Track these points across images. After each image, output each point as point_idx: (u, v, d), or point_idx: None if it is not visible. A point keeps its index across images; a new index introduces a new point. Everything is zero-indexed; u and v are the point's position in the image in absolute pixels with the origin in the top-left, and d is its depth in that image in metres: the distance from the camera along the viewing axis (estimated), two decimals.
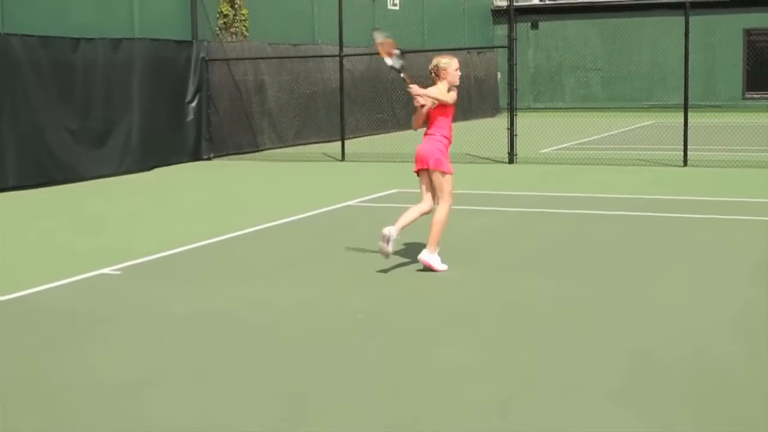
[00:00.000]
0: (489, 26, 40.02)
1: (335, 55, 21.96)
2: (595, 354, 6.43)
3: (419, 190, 9.50)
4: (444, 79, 9.13)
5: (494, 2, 40.57)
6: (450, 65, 9.15)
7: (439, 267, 9.10)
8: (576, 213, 12.77)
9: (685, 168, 17.77)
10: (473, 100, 35.11)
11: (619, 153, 20.52)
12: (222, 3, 22.78)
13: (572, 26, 38.86)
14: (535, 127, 23.70)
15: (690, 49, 18.17)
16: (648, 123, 31.33)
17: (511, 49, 19.31)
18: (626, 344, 6.63)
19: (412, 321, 7.45)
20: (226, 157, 21.77)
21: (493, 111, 36.68)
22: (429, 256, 9.14)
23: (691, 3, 26.20)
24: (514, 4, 20.09)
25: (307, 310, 7.86)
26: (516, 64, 19.34)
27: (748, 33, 37.12)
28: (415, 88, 9.08)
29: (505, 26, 20.54)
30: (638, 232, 11.18)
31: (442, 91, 9.12)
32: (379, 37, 9.42)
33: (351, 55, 23.65)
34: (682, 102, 18.41)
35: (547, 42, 39.80)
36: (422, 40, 33.04)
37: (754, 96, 36.98)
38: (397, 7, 31.79)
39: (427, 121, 9.34)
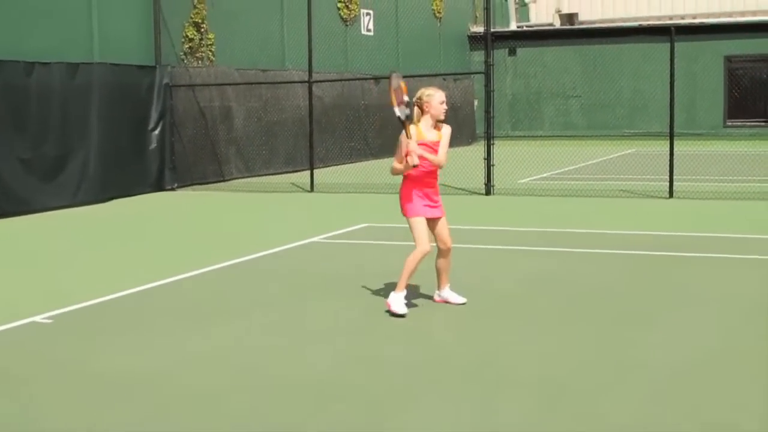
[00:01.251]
0: (465, 52, 39.27)
1: (304, 81, 21.05)
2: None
3: (391, 225, 8.70)
4: (427, 112, 8.34)
5: (471, 28, 39.82)
6: (433, 97, 8.34)
7: (396, 309, 8.28)
8: (556, 251, 11.85)
9: (671, 200, 16.92)
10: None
11: (601, 183, 19.69)
12: (187, 27, 21.86)
13: (551, 52, 38.11)
14: (513, 157, 22.84)
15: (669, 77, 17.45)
16: (629, 151, 30.55)
17: (488, 74, 18.45)
18: (615, 418, 5.70)
19: (374, 383, 6.49)
20: (190, 187, 20.80)
21: (469, 139, 35.85)
22: (391, 296, 8.39)
23: (668, 29, 25.48)
24: (491, 29, 19.17)
25: (258, 369, 6.89)
26: (493, 91, 18.48)
27: (728, 60, 36.48)
28: (413, 145, 8.22)
29: (482, 52, 19.74)
30: (624, 273, 10.27)
31: (430, 138, 8.37)
32: (395, 82, 8.36)
33: (320, 81, 22.76)
34: (665, 130, 17.66)
35: (526, 68, 39.05)
36: (397, 65, 32.14)
37: (736, 124, 36.33)
38: (371, 33, 30.96)
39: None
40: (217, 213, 16.81)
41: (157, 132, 20.26)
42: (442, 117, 8.38)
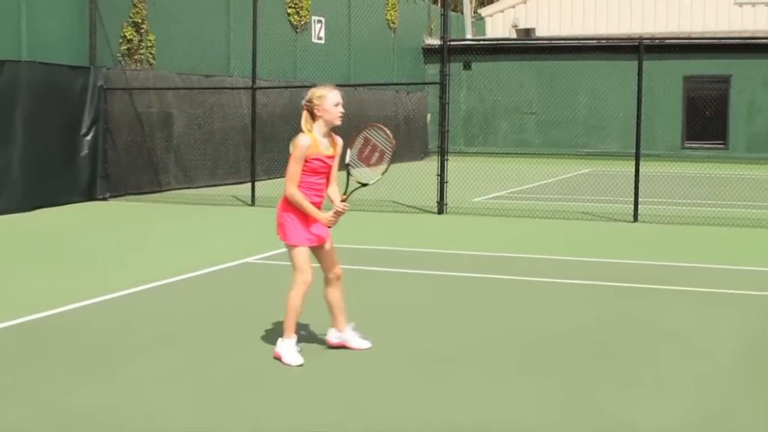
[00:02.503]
0: (420, 65, 38.21)
1: (247, 88, 19.80)
2: None
3: (339, 244, 7.52)
4: (320, 117, 7.05)
5: (425, 40, 38.78)
6: (326, 99, 7.03)
7: (289, 360, 6.98)
8: (514, 280, 10.71)
9: (636, 224, 15.89)
10: (401, 142, 33.11)
11: (560, 204, 18.66)
12: (126, 27, 20.55)
13: (507, 67, 37.11)
14: (467, 173, 21.78)
15: (629, 96, 16.54)
16: (585, 171, 29.65)
17: (443, 85, 17.32)
18: None
19: None
20: (123, 198, 19.49)
21: (421, 154, 34.75)
22: (280, 345, 7.13)
23: (629, 47, 24.58)
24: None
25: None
26: (449, 103, 17.35)
27: (687, 80, 35.74)
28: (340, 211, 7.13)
29: (437, 65, 18.65)
30: (591, 309, 9.15)
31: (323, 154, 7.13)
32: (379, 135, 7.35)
33: (265, 87, 21.52)
34: (622, 150, 16.80)
35: (481, 83, 38.04)
36: (348, 74, 31.02)
37: (693, 146, 35.56)
38: (322, 41, 29.78)
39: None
40: (146, 227, 15.54)
41: (89, 137, 18.96)
42: (338, 122, 7.09)
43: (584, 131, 36.71)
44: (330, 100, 7.00)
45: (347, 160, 7.13)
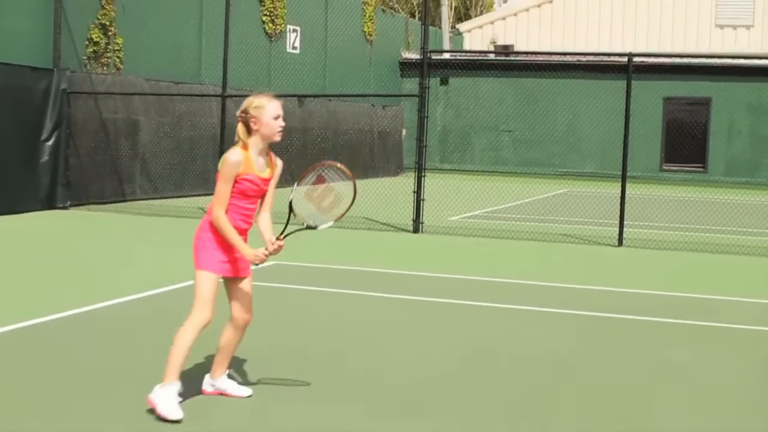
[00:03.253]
0: (396, 79, 37.52)
1: (217, 95, 19.00)
2: None
3: (309, 263, 6.62)
4: (256, 132, 5.99)
5: (403, 54, 38.12)
6: (264, 110, 5.98)
7: (166, 413, 5.71)
8: (491, 308, 9.95)
9: (621, 248, 15.21)
10: (376, 157, 32.54)
11: (539, 225, 17.98)
12: (92, 28, 19.73)
13: (485, 84, 36.54)
14: (443, 191, 21.06)
15: (608, 115, 15.92)
16: (562, 191, 29.06)
17: (422, 98, 16.59)
18: None
19: None
20: (85, 207, 18.65)
21: (396, 170, 34.06)
22: (156, 392, 5.85)
23: (608, 66, 24.13)
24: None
25: None
26: (427, 117, 16.61)
27: (667, 101, 35.25)
28: (273, 250, 6.10)
29: (413, 80, 17.94)
30: (578, 341, 8.42)
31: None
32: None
33: (235, 96, 20.71)
34: (600, 170, 16.14)
35: (458, 99, 37.44)
36: (323, 85, 30.29)
37: (672, 168, 35.06)
38: (297, 51, 29.03)
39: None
40: (104, 240, 14.69)
41: (50, 143, 18.13)
42: (277, 138, 6.03)
43: (562, 150, 36.16)
44: (269, 112, 5.97)
45: (292, 195, 6.12)
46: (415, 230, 16.28)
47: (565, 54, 36.40)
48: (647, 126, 34.69)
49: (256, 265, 6.09)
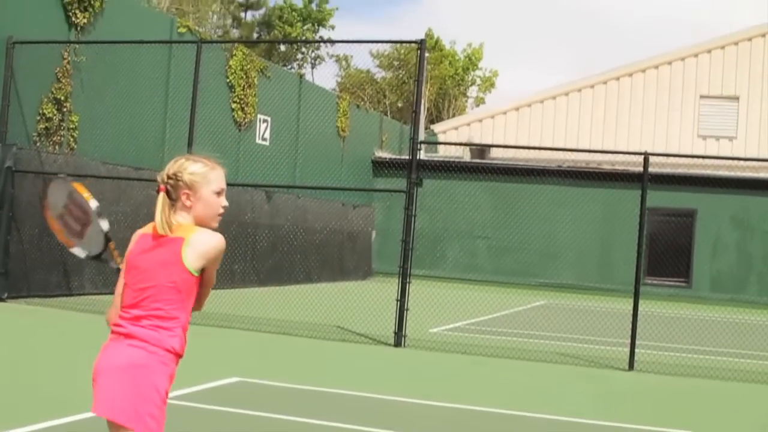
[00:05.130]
0: (369, 178, 35.92)
1: None
2: None
3: (273, 381, 4.82)
4: (188, 209, 4.34)
5: (376, 153, 36.59)
6: (205, 180, 4.32)
7: None
8: None
9: (632, 373, 13.35)
10: (345, 259, 30.68)
11: (528, 342, 16.17)
12: (45, 102, 17.90)
13: (460, 187, 34.95)
14: (418, 299, 19.17)
15: (586, 224, 14.28)
16: (540, 303, 27.33)
17: (410, 195, 14.80)
18: None
19: None
20: (25, 300, 16.62)
21: (365, 274, 32.17)
22: None
23: (589, 173, 22.68)
24: (403, 156, 15.68)
25: None
26: (414, 216, 14.78)
27: (651, 212, 33.73)
28: None
29: (387, 179, 16.26)
30: None
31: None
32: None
33: None
34: (578, 282, 14.63)
35: (432, 202, 35.72)
36: (293, 181, 28.53)
37: (654, 282, 33.45)
38: (267, 142, 27.33)
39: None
40: (39, 341, 12.67)
41: None
42: (214, 224, 4.39)
43: (538, 260, 34.51)
44: (212, 183, 4.33)
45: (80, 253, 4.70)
46: (397, 343, 14.29)
47: (529, 160, 35.03)
48: (628, 237, 33.21)
49: None
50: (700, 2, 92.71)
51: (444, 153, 40.07)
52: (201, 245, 4.24)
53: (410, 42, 14.67)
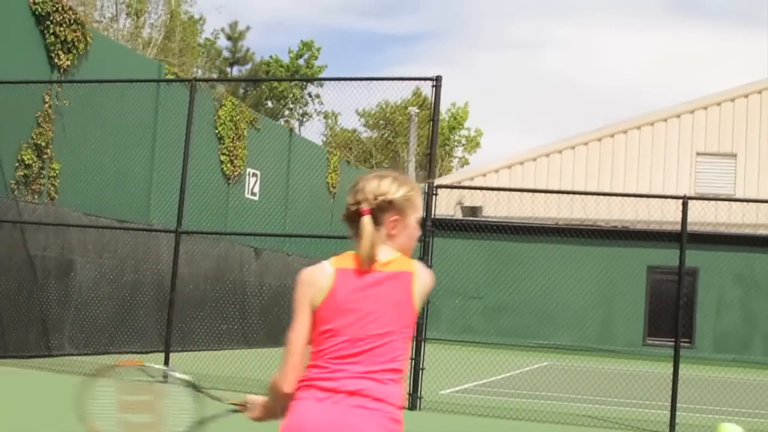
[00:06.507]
0: None
1: (171, 231, 15.70)
2: None
3: None
4: (393, 235, 3.64)
5: None
6: (414, 206, 3.67)
7: None
8: None
9: None
10: None
11: (546, 404, 14.92)
12: (25, 149, 16.64)
13: (455, 245, 33.76)
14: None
15: (584, 283, 13.15)
16: (544, 364, 26.13)
17: (426, 244, 13.59)
18: None
19: None
20: (0, 361, 15.25)
21: None
22: None
23: (589, 231, 21.65)
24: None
25: None
26: (431, 266, 13.55)
27: (652, 270, 32.72)
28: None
29: None
30: None
31: None
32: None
33: (193, 232, 17.69)
34: (576, 343, 13.64)
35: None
36: (282, 239, 27.23)
37: (656, 342, 32.27)
38: (256, 197, 26.12)
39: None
40: (14, 407, 11.32)
41: None
42: (412, 247, 3.69)
43: (535, 321, 33.33)
44: (419, 210, 3.71)
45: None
46: (412, 406, 12.98)
47: (522, 218, 33.97)
48: (629, 296, 32.19)
49: None
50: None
51: (435, 211, 38.95)
52: (428, 283, 3.63)
53: (425, 79, 13.54)
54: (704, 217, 35.12)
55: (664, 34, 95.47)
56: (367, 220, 3.54)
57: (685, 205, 13.31)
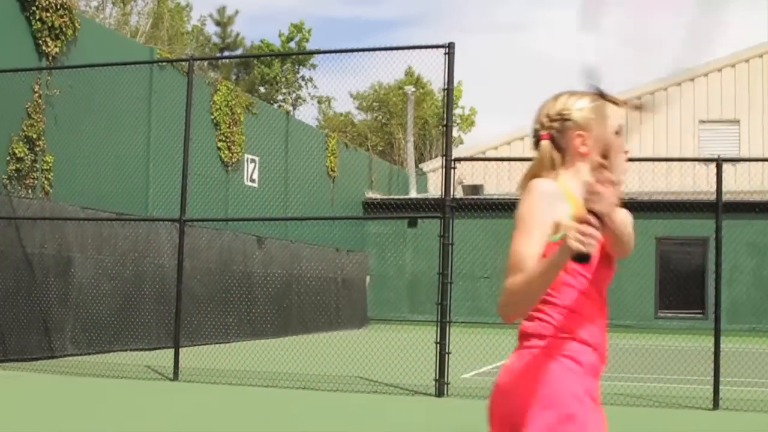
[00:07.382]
0: (360, 221, 34.02)
1: (174, 220, 14.93)
2: None
3: None
4: (584, 153, 3.24)
5: (366, 194, 34.70)
6: (602, 114, 3.20)
7: None
8: None
9: (717, 412, 11.41)
10: (341, 308, 28.58)
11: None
12: (16, 142, 15.89)
13: (458, 225, 32.98)
14: (424, 345, 17.09)
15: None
16: None
17: (445, 220, 12.88)
18: None
19: None
20: (0, 364, 14.52)
21: (361, 322, 30.06)
22: None
23: None
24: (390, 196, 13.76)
25: None
26: (452, 244, 12.85)
27: (660, 242, 32.01)
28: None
29: (379, 222, 14.34)
30: None
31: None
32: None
33: (197, 219, 16.95)
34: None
35: (428, 244, 33.80)
36: (284, 224, 26.53)
37: (667, 315, 31.60)
38: (255, 184, 25.39)
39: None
40: (17, 412, 10.61)
41: None
42: (621, 177, 3.11)
43: None
44: (609, 117, 3.22)
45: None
46: (439, 393, 12.28)
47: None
48: (639, 269, 31.45)
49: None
50: None
51: (434, 191, 38.33)
52: None
53: (438, 46, 12.80)
54: (710, 185, 34.54)
55: None
56: (544, 146, 3.28)
57: (719, 167, 12.54)
